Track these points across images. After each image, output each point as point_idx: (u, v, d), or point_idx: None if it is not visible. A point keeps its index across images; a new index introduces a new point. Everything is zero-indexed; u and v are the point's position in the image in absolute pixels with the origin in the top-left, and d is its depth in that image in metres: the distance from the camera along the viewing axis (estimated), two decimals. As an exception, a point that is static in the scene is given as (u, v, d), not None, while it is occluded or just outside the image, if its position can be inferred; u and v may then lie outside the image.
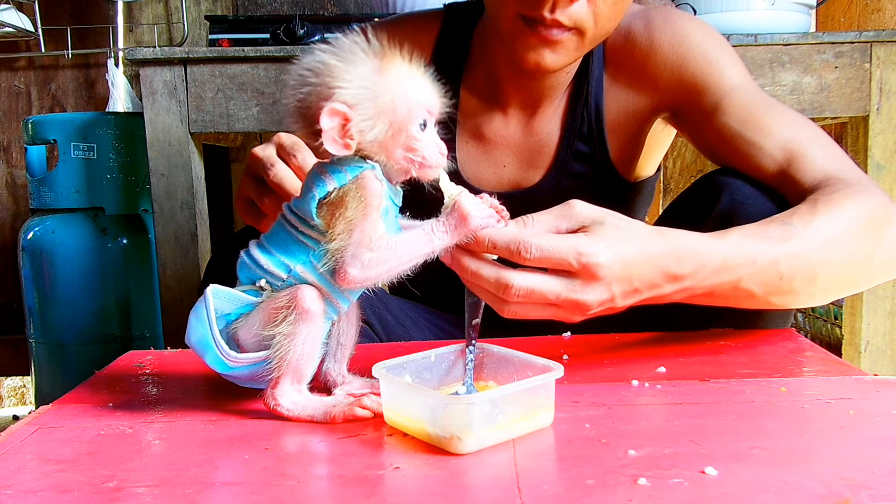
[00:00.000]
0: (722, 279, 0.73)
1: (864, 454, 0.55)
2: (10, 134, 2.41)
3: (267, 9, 2.33)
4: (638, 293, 0.70)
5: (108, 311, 1.90)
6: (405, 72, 0.64)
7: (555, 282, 0.67)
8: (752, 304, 0.78)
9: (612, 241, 0.68)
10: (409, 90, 0.64)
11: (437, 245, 0.65)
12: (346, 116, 0.62)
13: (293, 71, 0.65)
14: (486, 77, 1.07)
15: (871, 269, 0.82)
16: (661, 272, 0.70)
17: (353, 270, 0.63)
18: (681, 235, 0.72)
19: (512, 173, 1.09)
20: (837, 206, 0.78)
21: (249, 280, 0.68)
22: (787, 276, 0.75)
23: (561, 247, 0.66)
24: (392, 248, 0.63)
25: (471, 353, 0.69)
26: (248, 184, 0.84)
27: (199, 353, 0.68)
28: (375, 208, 0.63)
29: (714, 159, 0.99)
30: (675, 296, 0.73)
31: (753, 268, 0.74)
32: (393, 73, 0.63)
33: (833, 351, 0.90)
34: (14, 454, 0.61)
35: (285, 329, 0.64)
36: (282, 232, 0.67)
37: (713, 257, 0.72)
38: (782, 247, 0.75)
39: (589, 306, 0.68)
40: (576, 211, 0.70)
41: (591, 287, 0.67)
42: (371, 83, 0.63)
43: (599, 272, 0.67)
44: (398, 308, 1.08)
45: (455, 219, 0.65)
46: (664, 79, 1.01)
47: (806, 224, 0.76)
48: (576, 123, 1.06)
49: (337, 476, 0.55)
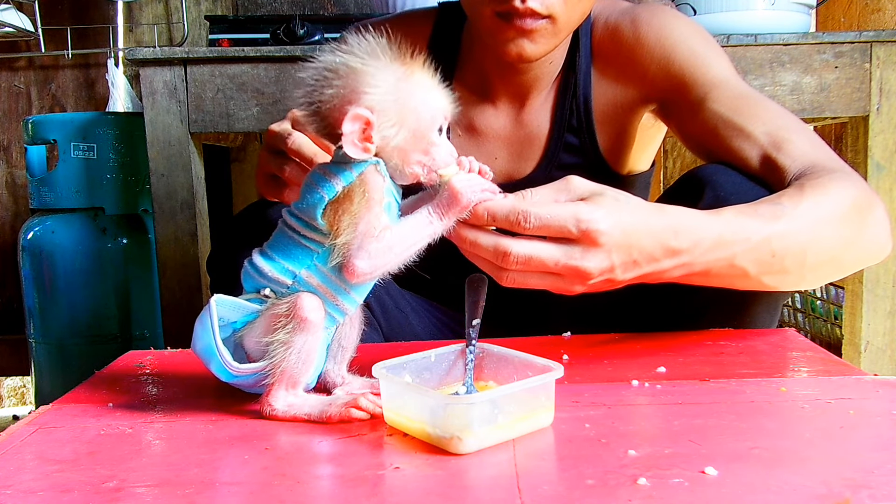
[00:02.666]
0: (718, 255, 0.74)
1: (864, 454, 0.55)
2: (10, 134, 2.41)
3: (267, 9, 2.33)
4: (637, 266, 0.71)
5: (108, 311, 1.90)
6: (427, 79, 0.65)
7: (554, 248, 0.67)
8: (746, 284, 0.79)
9: (611, 210, 0.68)
10: (432, 97, 0.65)
11: (436, 227, 0.65)
12: (369, 121, 0.63)
13: (312, 69, 0.65)
14: (475, 72, 1.10)
15: (857, 251, 0.84)
16: (660, 245, 0.71)
17: (360, 262, 0.63)
18: (678, 211, 0.73)
19: (504, 165, 1.11)
20: (824, 189, 0.80)
21: (254, 289, 0.68)
22: (778, 255, 0.76)
23: (560, 214, 0.66)
24: (396, 235, 0.64)
25: (471, 353, 0.69)
26: (267, 158, 0.86)
27: (204, 362, 0.68)
28: (378, 202, 0.64)
29: (701, 152, 1.00)
30: (673, 272, 0.74)
31: (747, 244, 0.75)
32: (416, 80, 0.65)
33: (833, 351, 0.90)
34: (14, 454, 0.61)
35: (282, 337, 0.64)
36: (283, 237, 0.67)
37: (709, 233, 0.73)
38: (774, 225, 0.76)
39: (589, 274, 0.68)
40: (574, 185, 0.71)
41: (591, 253, 0.67)
42: (396, 89, 0.63)
43: (600, 238, 0.67)
44: (399, 294, 1.09)
45: (449, 199, 0.65)
46: (651, 72, 1.03)
47: (795, 204, 0.78)
48: (565, 115, 1.08)
49: (337, 476, 0.55)
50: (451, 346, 0.71)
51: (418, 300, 1.15)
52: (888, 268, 1.55)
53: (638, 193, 1.15)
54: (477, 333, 0.70)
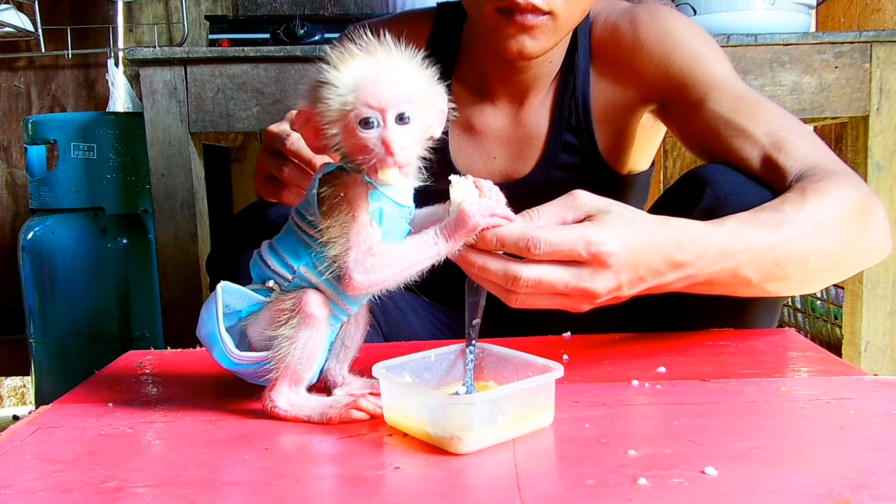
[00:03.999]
0: (722, 266, 0.74)
1: (864, 454, 0.55)
2: (10, 134, 2.41)
3: (267, 9, 2.33)
4: (643, 281, 0.71)
5: (108, 311, 1.90)
6: (359, 68, 0.61)
7: (563, 271, 0.67)
8: (748, 291, 0.79)
9: (619, 230, 0.68)
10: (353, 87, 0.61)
11: (441, 249, 0.65)
12: (310, 117, 0.63)
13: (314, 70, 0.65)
14: (474, 71, 1.10)
15: (858, 254, 0.84)
16: (665, 260, 0.71)
17: (357, 276, 0.63)
18: (682, 224, 0.73)
19: (502, 164, 1.11)
20: (825, 193, 0.80)
21: (260, 279, 0.68)
22: (781, 262, 0.76)
23: (569, 238, 0.66)
24: (396, 253, 0.64)
25: (471, 353, 0.69)
26: (266, 159, 0.86)
27: (207, 347, 0.69)
28: (363, 208, 0.63)
29: (700, 152, 1.00)
30: (676, 283, 0.74)
31: (751, 254, 0.75)
32: (346, 71, 0.61)
33: (833, 351, 0.90)
34: (14, 454, 0.61)
35: (287, 332, 0.65)
36: (290, 233, 0.68)
37: (714, 244, 0.73)
38: (777, 233, 0.76)
39: (598, 294, 0.68)
40: (580, 201, 0.70)
41: (600, 275, 0.68)
42: (333, 82, 0.62)
43: (609, 260, 0.67)
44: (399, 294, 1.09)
45: (457, 221, 0.65)
46: (651, 73, 1.03)
47: (797, 211, 0.78)
48: (564, 115, 1.08)
49: (337, 476, 0.55)
50: (451, 346, 0.71)
51: (418, 300, 1.16)
52: (888, 268, 1.55)
53: (638, 193, 1.16)
54: (477, 333, 0.70)
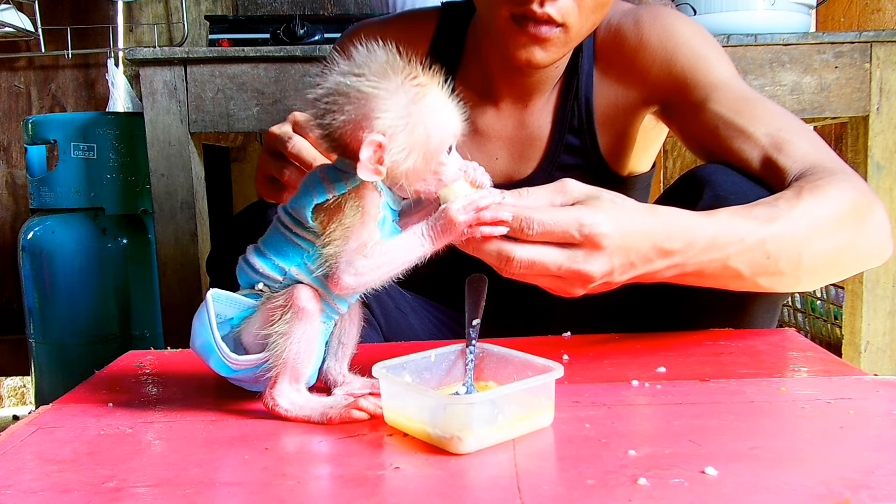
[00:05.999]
0: (711, 256, 0.74)
1: (864, 454, 0.55)
2: (10, 134, 2.41)
3: (267, 9, 2.33)
4: (633, 268, 0.71)
5: (108, 311, 1.90)
6: (438, 99, 0.64)
7: (557, 252, 0.67)
8: (740, 285, 0.79)
9: (611, 213, 0.69)
10: (442, 119, 0.64)
11: (427, 249, 0.65)
12: (381, 145, 0.62)
13: (322, 91, 0.64)
14: (478, 72, 1.10)
15: (855, 253, 0.84)
16: (654, 246, 0.71)
17: (346, 277, 0.63)
18: (672, 212, 0.74)
19: (505, 165, 1.11)
20: (822, 192, 0.80)
21: (248, 284, 0.68)
22: (773, 256, 0.76)
23: (563, 219, 0.67)
24: (385, 254, 0.64)
25: (471, 353, 0.69)
26: (267, 161, 0.86)
27: (203, 358, 0.68)
28: (373, 217, 0.64)
29: (701, 152, 1.01)
30: (665, 272, 0.74)
31: (741, 246, 0.75)
32: (427, 102, 0.63)
33: (833, 351, 0.90)
34: (14, 454, 0.61)
35: (282, 328, 0.65)
36: (276, 234, 0.67)
37: (703, 234, 0.73)
38: (769, 227, 0.76)
39: (592, 277, 0.69)
40: (569, 187, 0.71)
41: (593, 257, 0.68)
42: (407, 113, 0.62)
43: (602, 241, 0.67)
44: (399, 294, 1.09)
45: (444, 226, 0.65)
46: (653, 74, 1.03)
47: (791, 207, 0.78)
48: (566, 117, 1.08)
49: (337, 476, 0.55)
50: (451, 346, 0.71)
51: (418, 300, 1.15)
52: (888, 268, 1.55)
53: (638, 195, 1.16)
54: (477, 333, 0.70)
